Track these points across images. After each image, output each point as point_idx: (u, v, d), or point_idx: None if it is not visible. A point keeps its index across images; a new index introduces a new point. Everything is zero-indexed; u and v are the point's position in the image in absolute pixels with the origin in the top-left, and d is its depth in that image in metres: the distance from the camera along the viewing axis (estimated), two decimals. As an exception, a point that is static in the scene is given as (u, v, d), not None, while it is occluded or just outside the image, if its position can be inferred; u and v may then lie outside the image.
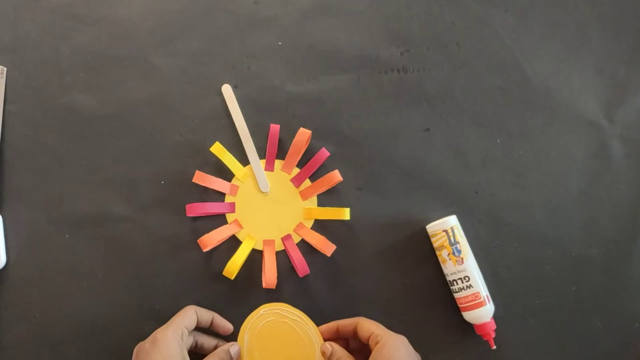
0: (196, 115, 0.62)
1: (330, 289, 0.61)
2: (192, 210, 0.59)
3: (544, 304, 0.61)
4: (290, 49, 0.63)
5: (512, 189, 0.62)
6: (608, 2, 0.64)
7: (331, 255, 0.60)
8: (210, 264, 0.61)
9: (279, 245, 0.61)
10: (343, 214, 0.60)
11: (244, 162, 0.62)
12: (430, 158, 0.62)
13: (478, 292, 0.57)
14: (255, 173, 0.62)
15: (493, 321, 0.58)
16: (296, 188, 0.62)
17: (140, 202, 0.60)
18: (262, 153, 0.62)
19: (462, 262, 0.58)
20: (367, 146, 0.62)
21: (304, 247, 0.61)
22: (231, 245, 0.60)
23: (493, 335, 0.58)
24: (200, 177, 0.60)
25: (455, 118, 0.63)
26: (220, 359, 0.54)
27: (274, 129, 0.61)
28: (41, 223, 0.60)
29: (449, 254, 0.58)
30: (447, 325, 0.60)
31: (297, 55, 0.63)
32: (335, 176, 0.60)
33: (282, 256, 0.61)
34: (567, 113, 0.63)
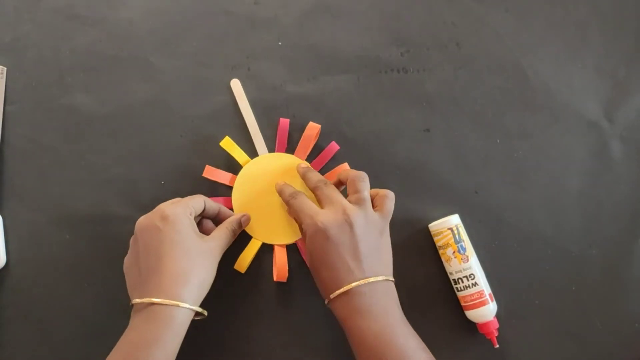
0: (196, 115, 0.62)
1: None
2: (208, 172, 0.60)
3: (544, 304, 0.61)
4: (291, 49, 0.63)
5: (512, 189, 0.62)
6: (608, 2, 0.65)
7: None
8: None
9: None
10: None
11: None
12: (430, 158, 0.62)
13: (482, 290, 0.57)
14: None
15: (496, 320, 0.58)
16: None
17: (140, 202, 0.60)
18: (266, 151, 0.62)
19: (468, 260, 0.58)
20: (367, 146, 0.62)
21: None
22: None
23: (496, 334, 0.57)
24: (210, 171, 0.60)
25: (455, 118, 0.63)
26: (231, 229, 0.54)
27: (284, 123, 0.61)
28: (41, 223, 0.60)
29: (454, 252, 0.58)
30: (449, 324, 0.60)
31: (297, 56, 0.63)
32: (345, 169, 0.60)
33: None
34: (567, 113, 0.63)
